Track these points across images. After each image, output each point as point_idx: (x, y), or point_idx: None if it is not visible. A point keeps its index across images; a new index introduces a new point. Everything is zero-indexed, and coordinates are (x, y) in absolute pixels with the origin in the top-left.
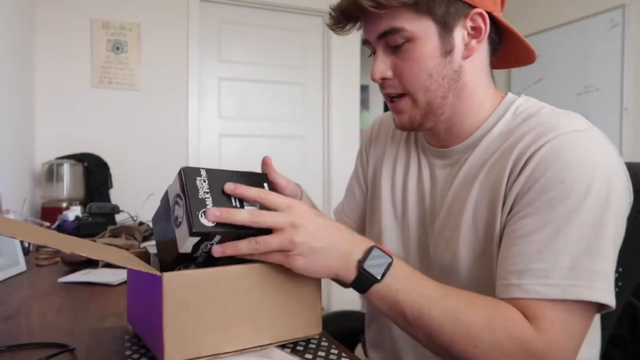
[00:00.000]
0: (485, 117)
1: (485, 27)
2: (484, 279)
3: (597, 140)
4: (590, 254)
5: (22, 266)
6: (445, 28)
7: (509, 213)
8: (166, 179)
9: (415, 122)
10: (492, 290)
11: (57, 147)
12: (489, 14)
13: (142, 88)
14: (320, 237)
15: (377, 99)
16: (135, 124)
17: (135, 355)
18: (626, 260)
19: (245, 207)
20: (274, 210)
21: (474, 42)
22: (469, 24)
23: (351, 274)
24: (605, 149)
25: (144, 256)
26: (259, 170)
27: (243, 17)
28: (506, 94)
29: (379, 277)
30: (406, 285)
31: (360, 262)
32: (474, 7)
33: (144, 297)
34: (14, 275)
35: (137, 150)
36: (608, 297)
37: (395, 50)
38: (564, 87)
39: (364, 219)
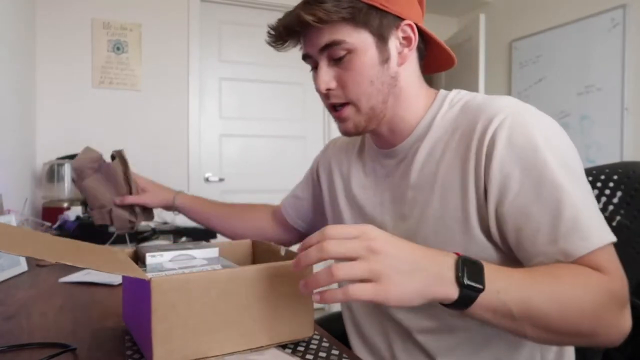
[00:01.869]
0: (423, 113)
1: (415, 36)
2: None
3: (534, 110)
4: (592, 200)
5: (23, 266)
6: (381, 39)
7: (486, 198)
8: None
9: (360, 127)
10: None
11: (58, 147)
12: (416, 24)
13: (142, 88)
14: (408, 261)
15: None
16: (136, 124)
17: (136, 355)
18: (626, 259)
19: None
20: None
21: (406, 50)
22: (400, 34)
23: (452, 292)
24: (542, 114)
25: (140, 257)
26: (259, 170)
27: (243, 17)
28: (439, 91)
29: (482, 287)
30: (503, 283)
31: (460, 278)
32: (403, 19)
33: (136, 299)
34: (15, 275)
35: (137, 150)
36: (613, 235)
37: (337, 62)
38: (564, 87)
39: (303, 217)
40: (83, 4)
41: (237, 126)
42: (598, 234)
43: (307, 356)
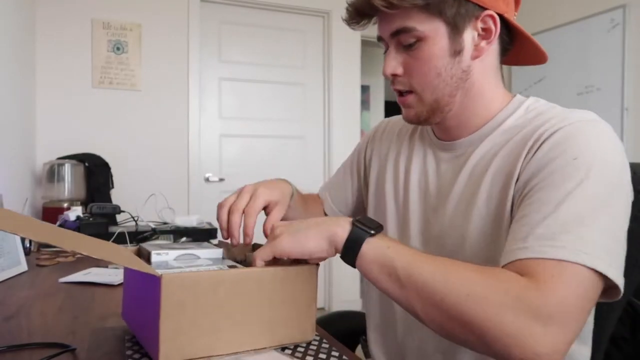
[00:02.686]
0: (495, 113)
1: (496, 29)
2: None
3: (608, 129)
4: (600, 229)
5: (23, 266)
6: (455, 29)
7: (520, 194)
8: (167, 179)
9: (422, 117)
10: None
11: (58, 148)
12: (500, 15)
13: (142, 88)
14: (301, 223)
15: (377, 99)
16: (136, 124)
17: (136, 355)
18: (628, 260)
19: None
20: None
21: (483, 43)
22: (479, 25)
23: (344, 230)
24: (615, 137)
25: (144, 254)
26: (259, 170)
27: (244, 17)
28: (515, 95)
29: (373, 231)
30: (396, 244)
31: (354, 220)
32: (485, 9)
33: (141, 296)
34: (15, 275)
35: (138, 150)
36: (616, 274)
37: (406, 48)
38: (564, 87)
39: (347, 206)
40: (83, 4)
41: (237, 126)
42: (575, 251)
43: (307, 357)
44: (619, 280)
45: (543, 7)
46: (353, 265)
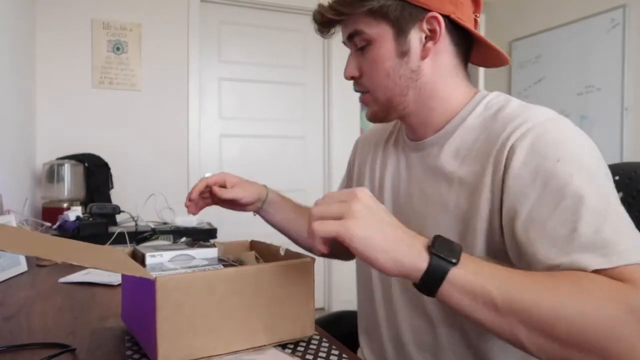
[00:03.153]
0: (457, 110)
1: (440, 30)
2: None
3: (569, 124)
4: (622, 216)
5: (23, 266)
6: (400, 31)
7: (501, 206)
8: (167, 180)
9: (379, 116)
10: None
11: (58, 148)
12: (448, 16)
13: (142, 88)
14: (381, 217)
15: None
16: (135, 125)
17: (136, 356)
18: None
19: None
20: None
21: (430, 43)
22: (425, 26)
23: (421, 261)
24: (576, 129)
25: (138, 257)
26: (259, 170)
27: (243, 17)
28: (478, 91)
29: (455, 260)
30: (484, 267)
31: (431, 247)
32: (428, 10)
33: (138, 298)
34: (15, 276)
35: (137, 150)
36: None
37: (361, 52)
38: (564, 87)
39: None
40: (83, 4)
41: (237, 126)
42: (625, 251)
43: (307, 356)
44: None
45: (543, 7)
46: (431, 295)
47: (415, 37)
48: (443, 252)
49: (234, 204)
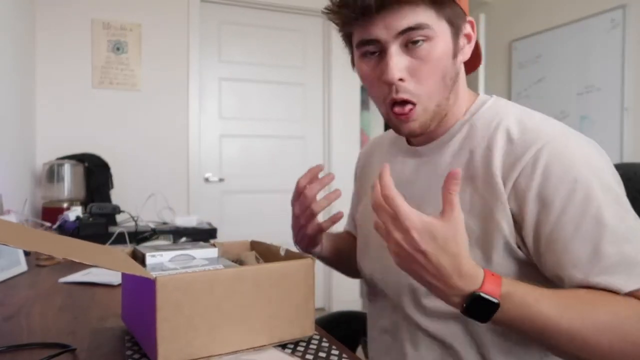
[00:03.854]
0: (460, 114)
1: (474, 34)
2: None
3: (578, 137)
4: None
5: (23, 266)
6: (457, 30)
7: (524, 230)
8: (167, 180)
9: (426, 127)
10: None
11: (58, 148)
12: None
13: (142, 88)
14: (445, 252)
15: None
16: (136, 125)
17: (136, 356)
18: None
19: None
20: None
21: (467, 46)
22: (467, 28)
23: (458, 309)
24: (585, 142)
25: (138, 257)
26: (259, 170)
27: (243, 17)
28: (478, 95)
29: (486, 321)
30: (519, 314)
31: (464, 307)
32: (466, 14)
33: (138, 298)
34: (15, 276)
35: (137, 150)
36: None
37: (409, 50)
38: (564, 87)
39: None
40: (83, 4)
41: (237, 126)
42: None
43: (307, 356)
44: None
45: (543, 7)
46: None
47: (463, 39)
48: (473, 315)
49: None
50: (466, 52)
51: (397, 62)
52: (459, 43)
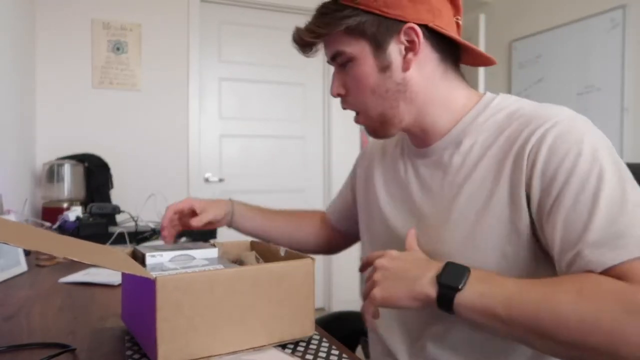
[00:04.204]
0: (462, 113)
1: (419, 40)
2: (500, 261)
3: (584, 121)
4: (636, 204)
5: (23, 266)
6: (378, 46)
7: (531, 207)
8: (167, 180)
9: (380, 132)
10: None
11: (58, 148)
12: (426, 25)
13: (142, 88)
14: (397, 269)
15: None
16: (136, 125)
17: (136, 356)
18: None
19: None
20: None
21: (410, 54)
22: (403, 38)
23: (432, 291)
24: (591, 125)
25: (138, 257)
26: (259, 170)
27: (243, 17)
28: (484, 94)
29: (459, 286)
30: (489, 287)
31: (438, 277)
32: (405, 22)
33: (138, 298)
34: (15, 276)
35: (137, 150)
36: None
37: (344, 69)
38: (564, 87)
39: (345, 217)
40: (83, 4)
41: (237, 126)
42: (635, 243)
43: (307, 356)
44: None
45: (543, 7)
46: (451, 314)
47: (395, 50)
48: (449, 280)
49: (209, 225)
50: (410, 60)
51: (335, 81)
52: (386, 57)
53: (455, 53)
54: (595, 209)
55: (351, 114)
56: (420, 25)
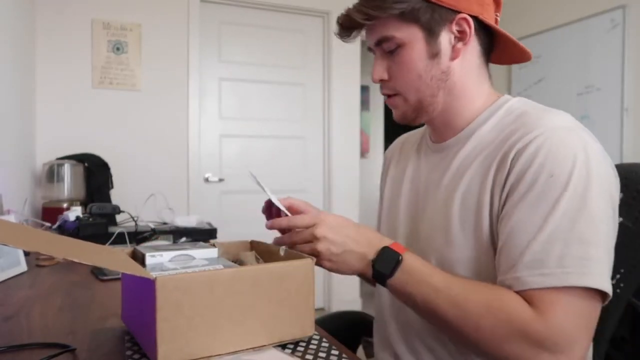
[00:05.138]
0: (478, 113)
1: (470, 31)
2: (477, 267)
3: (579, 136)
4: (580, 241)
5: (23, 266)
6: (431, 33)
7: (502, 209)
8: (166, 180)
9: (408, 117)
10: (485, 276)
11: (58, 148)
12: (476, 17)
13: (142, 88)
14: (339, 244)
15: (377, 99)
16: (135, 125)
17: (136, 356)
18: (628, 261)
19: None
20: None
21: (460, 44)
22: (454, 28)
23: (369, 271)
24: (586, 143)
25: (138, 257)
26: (259, 170)
27: (243, 17)
28: (502, 95)
29: (388, 273)
30: (415, 277)
31: (373, 262)
32: (458, 12)
33: (138, 298)
34: (15, 276)
35: (137, 150)
36: (603, 283)
37: (389, 55)
38: (564, 87)
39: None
40: (83, 4)
41: (237, 126)
42: (561, 274)
43: (307, 356)
44: (610, 289)
45: (543, 7)
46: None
47: (445, 39)
48: (381, 267)
49: None
50: (459, 50)
51: (377, 66)
52: (437, 44)
53: (490, 49)
54: (540, 232)
55: (351, 114)
56: (470, 16)
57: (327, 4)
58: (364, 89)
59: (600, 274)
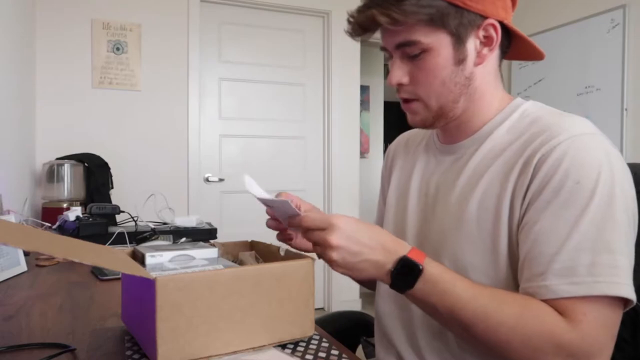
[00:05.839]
0: (492, 116)
1: (497, 37)
2: (491, 272)
3: (602, 143)
4: (608, 249)
5: (22, 266)
6: (459, 39)
7: (524, 215)
8: (167, 180)
9: (427, 123)
10: (496, 281)
11: (58, 148)
12: (501, 22)
13: (142, 88)
14: (355, 253)
15: (377, 99)
16: (135, 125)
17: (136, 356)
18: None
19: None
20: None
21: (485, 50)
22: (481, 33)
23: (387, 281)
24: (609, 150)
25: (138, 257)
26: (259, 170)
27: (243, 17)
28: (515, 98)
29: (410, 287)
30: (438, 287)
31: (392, 272)
32: (486, 17)
33: (138, 298)
34: (15, 276)
35: (137, 150)
36: (630, 292)
37: (411, 58)
38: (564, 87)
39: None
40: (83, 4)
41: (237, 127)
42: (592, 283)
43: (307, 356)
44: (634, 297)
45: (543, 7)
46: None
47: (472, 44)
48: (400, 280)
49: None
50: (484, 56)
51: (396, 69)
52: (464, 50)
53: (507, 51)
54: (568, 239)
55: (350, 115)
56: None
57: (327, 4)
58: (364, 89)
59: (628, 283)
